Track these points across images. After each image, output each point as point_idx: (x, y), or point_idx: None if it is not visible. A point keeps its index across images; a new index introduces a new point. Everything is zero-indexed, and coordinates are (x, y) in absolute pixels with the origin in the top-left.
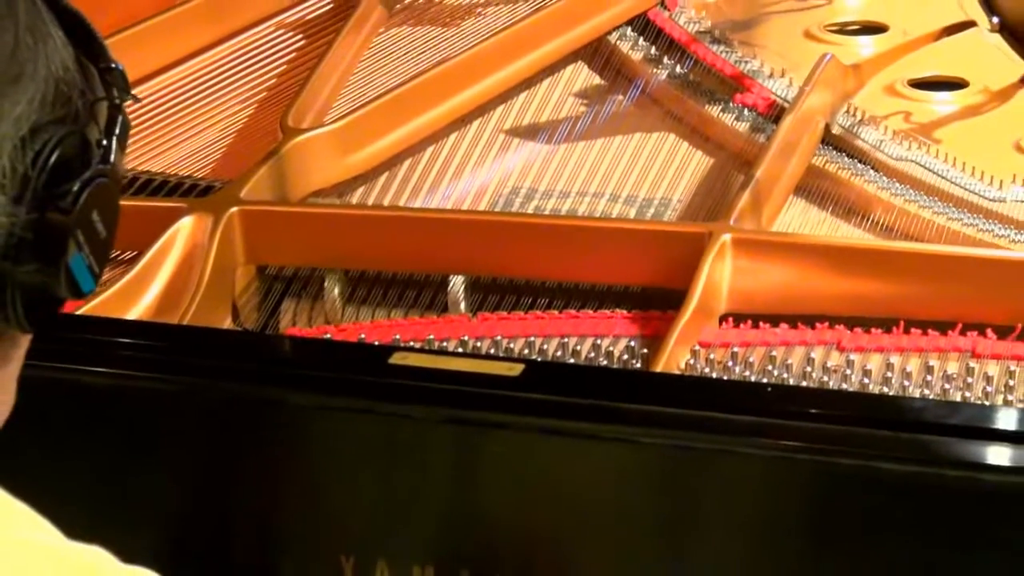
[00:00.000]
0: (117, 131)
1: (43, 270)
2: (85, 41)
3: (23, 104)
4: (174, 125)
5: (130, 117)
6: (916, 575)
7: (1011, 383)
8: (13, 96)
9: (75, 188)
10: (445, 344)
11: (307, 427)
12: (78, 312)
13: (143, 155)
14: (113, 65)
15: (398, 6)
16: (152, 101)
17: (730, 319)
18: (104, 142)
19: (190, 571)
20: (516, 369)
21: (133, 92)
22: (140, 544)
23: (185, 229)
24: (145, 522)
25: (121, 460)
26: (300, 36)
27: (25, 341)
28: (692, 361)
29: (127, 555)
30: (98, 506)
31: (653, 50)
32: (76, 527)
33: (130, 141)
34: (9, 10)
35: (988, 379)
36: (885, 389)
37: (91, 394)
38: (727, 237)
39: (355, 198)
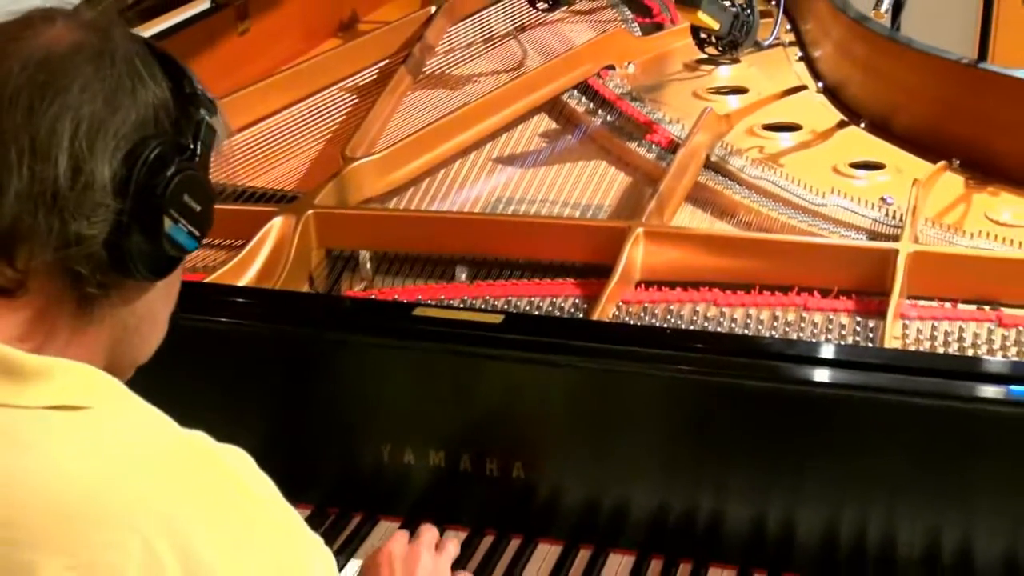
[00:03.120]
0: (202, 136)
1: (148, 239)
2: (177, 76)
3: (127, 126)
4: (271, 154)
5: (244, 150)
6: (769, 464)
7: (830, 327)
8: (116, 121)
9: (165, 181)
10: (452, 301)
11: (358, 358)
12: (206, 281)
13: (251, 175)
14: (199, 92)
15: (420, 76)
16: (259, 139)
17: (643, 284)
18: (191, 146)
19: (276, 456)
20: (499, 318)
21: (245, 127)
22: (240, 436)
23: (277, 225)
24: (245, 422)
25: (232, 379)
26: (355, 96)
27: (166, 285)
28: (617, 313)
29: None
30: (213, 409)
31: (591, 105)
32: (196, 422)
33: (241, 166)
34: (112, 63)
35: (815, 324)
36: (746, 331)
37: (215, 336)
38: (640, 230)
39: (392, 204)
